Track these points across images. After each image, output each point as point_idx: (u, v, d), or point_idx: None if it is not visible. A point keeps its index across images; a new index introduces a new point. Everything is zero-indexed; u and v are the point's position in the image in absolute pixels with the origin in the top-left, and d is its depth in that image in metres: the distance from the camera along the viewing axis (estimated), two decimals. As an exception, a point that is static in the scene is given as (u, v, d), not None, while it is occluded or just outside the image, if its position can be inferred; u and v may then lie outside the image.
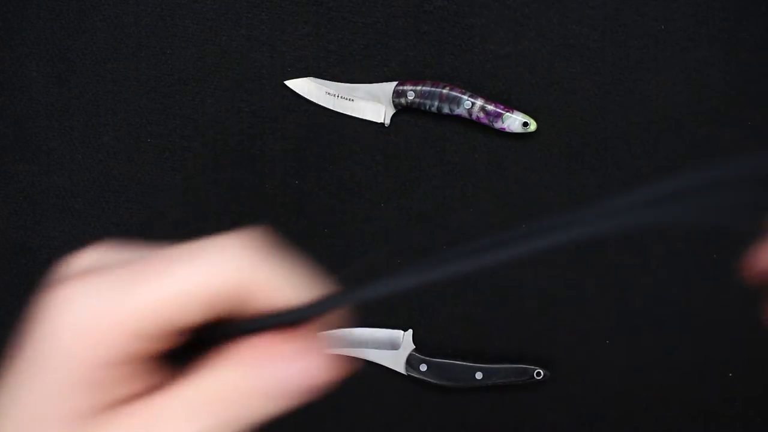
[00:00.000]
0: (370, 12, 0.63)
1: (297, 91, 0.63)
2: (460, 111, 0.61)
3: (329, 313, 0.25)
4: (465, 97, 0.61)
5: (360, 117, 0.63)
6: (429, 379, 0.63)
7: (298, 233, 0.64)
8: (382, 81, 0.63)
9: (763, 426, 0.64)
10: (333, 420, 0.65)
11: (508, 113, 0.61)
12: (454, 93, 0.61)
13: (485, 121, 0.62)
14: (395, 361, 0.64)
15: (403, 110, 0.63)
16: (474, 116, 0.61)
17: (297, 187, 0.64)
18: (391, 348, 0.64)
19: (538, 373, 0.63)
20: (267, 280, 0.23)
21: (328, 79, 0.63)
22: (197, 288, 0.22)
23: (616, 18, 0.62)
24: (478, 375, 0.63)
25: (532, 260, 0.64)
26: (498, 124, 0.61)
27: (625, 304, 0.64)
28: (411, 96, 0.62)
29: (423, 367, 0.63)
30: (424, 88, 0.61)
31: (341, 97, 0.63)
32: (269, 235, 0.23)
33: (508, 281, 0.64)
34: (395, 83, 0.62)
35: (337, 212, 0.64)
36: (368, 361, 0.64)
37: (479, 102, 0.61)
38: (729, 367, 0.64)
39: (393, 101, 0.62)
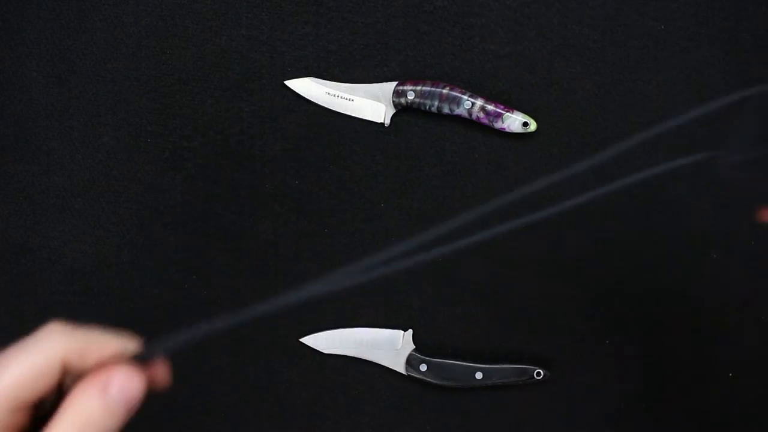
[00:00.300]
0: (370, 12, 0.63)
1: (297, 91, 0.63)
2: (460, 111, 0.61)
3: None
4: (465, 97, 0.61)
5: (360, 117, 0.63)
6: (429, 379, 0.63)
7: (298, 233, 0.64)
8: (382, 81, 0.63)
9: (763, 426, 0.64)
10: (333, 420, 0.65)
11: (508, 113, 0.61)
12: (454, 93, 0.61)
13: (485, 121, 0.62)
14: (395, 361, 0.64)
15: (403, 110, 0.63)
16: (474, 116, 0.61)
17: (297, 187, 0.64)
18: (391, 348, 0.64)
19: (538, 373, 0.63)
20: (88, 346, 0.33)
21: (328, 79, 0.63)
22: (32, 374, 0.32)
23: (616, 18, 0.62)
24: (478, 375, 0.63)
25: (531, 260, 0.64)
26: (498, 124, 0.61)
27: (625, 303, 0.64)
28: (411, 96, 0.62)
29: (423, 367, 0.63)
30: (424, 88, 0.61)
31: (341, 97, 0.63)
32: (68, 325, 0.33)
33: (507, 281, 0.64)
34: (395, 83, 0.62)
35: (337, 212, 0.64)
36: (368, 361, 0.64)
37: (479, 102, 0.61)
38: (729, 367, 0.64)
39: (393, 101, 0.62)
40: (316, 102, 0.63)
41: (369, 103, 0.63)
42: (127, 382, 0.33)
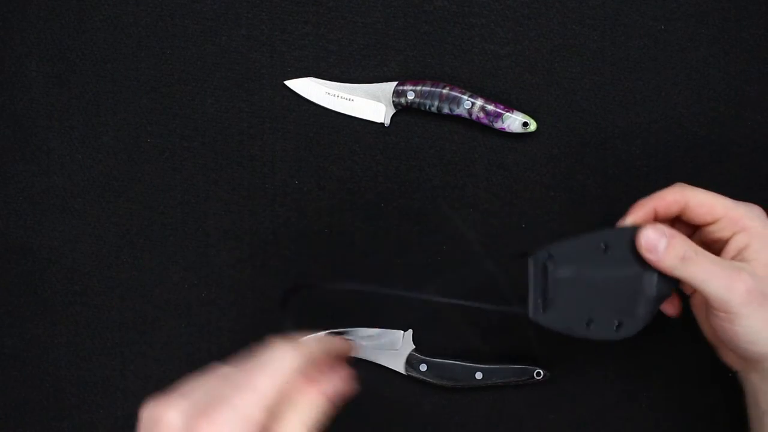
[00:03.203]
0: (370, 12, 0.63)
1: (297, 91, 0.63)
2: (460, 111, 0.61)
3: None
4: (465, 97, 0.61)
5: (360, 117, 0.63)
6: (429, 379, 0.63)
7: (298, 233, 0.64)
8: (382, 81, 0.63)
9: (763, 426, 0.64)
10: (332, 420, 0.65)
11: (508, 113, 0.61)
12: (454, 93, 0.61)
13: (485, 121, 0.62)
14: (395, 361, 0.64)
15: (403, 110, 0.63)
16: (474, 116, 0.61)
17: (297, 187, 0.64)
18: (391, 348, 0.64)
19: (538, 373, 0.63)
20: None
21: (328, 79, 0.63)
22: None
23: (616, 18, 0.62)
24: (478, 375, 0.63)
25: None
26: (498, 124, 0.61)
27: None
28: (411, 96, 0.62)
29: (423, 367, 0.63)
30: (424, 88, 0.61)
31: (341, 97, 0.63)
32: None
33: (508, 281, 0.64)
34: (395, 83, 0.62)
35: (338, 212, 0.64)
36: (368, 361, 0.64)
37: (479, 102, 0.61)
38: (729, 367, 0.64)
39: (393, 101, 0.62)
40: (316, 102, 0.63)
41: (369, 103, 0.63)
42: (340, 384, 0.46)
